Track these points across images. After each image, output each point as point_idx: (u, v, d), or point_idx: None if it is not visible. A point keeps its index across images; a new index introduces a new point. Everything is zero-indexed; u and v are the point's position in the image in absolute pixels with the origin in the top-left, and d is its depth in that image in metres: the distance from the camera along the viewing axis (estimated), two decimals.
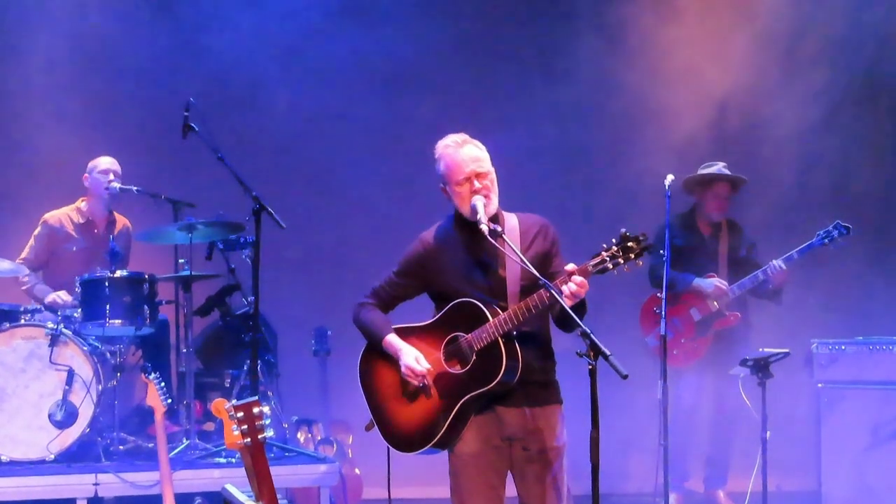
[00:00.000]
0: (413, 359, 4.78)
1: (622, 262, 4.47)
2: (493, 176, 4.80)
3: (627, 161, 9.06)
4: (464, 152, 4.77)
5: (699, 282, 7.80)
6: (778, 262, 7.60)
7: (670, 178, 6.73)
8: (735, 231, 8.07)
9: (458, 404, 4.70)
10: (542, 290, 4.53)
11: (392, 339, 4.86)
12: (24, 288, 7.67)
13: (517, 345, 4.66)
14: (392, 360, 4.86)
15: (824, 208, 8.58)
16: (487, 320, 4.64)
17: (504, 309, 4.67)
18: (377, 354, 4.94)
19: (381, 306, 4.99)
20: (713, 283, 7.78)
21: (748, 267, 7.84)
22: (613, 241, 4.49)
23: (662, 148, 8.81)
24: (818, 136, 8.97)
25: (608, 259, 4.48)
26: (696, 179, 7.94)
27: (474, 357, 4.69)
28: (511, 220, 4.86)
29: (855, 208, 8.63)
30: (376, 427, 4.94)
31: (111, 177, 7.77)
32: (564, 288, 4.48)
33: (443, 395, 4.75)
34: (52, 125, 8.73)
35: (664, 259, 6.63)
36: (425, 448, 4.79)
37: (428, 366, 4.77)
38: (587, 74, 9.06)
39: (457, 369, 4.74)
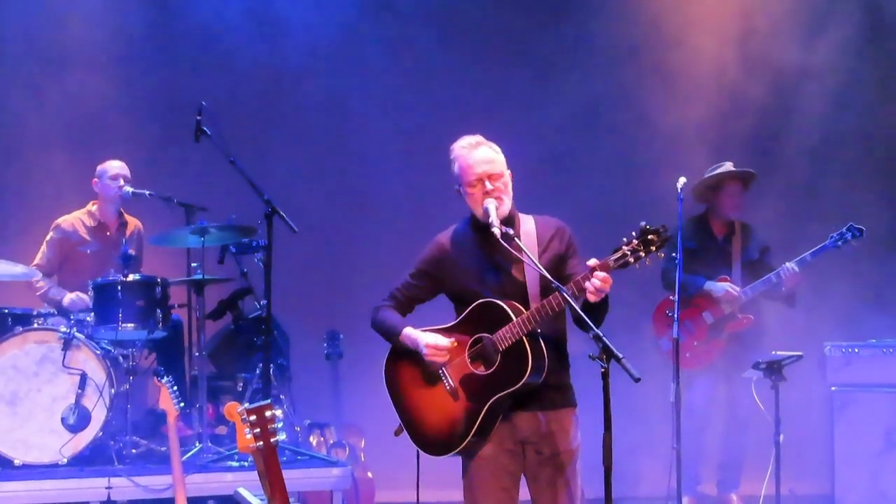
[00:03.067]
0: (432, 337, 4.77)
1: (643, 255, 4.43)
2: (507, 178, 4.80)
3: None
4: (477, 154, 4.77)
5: (710, 285, 7.79)
6: (791, 265, 7.58)
7: (682, 180, 6.71)
8: (748, 233, 8.05)
9: (486, 406, 4.68)
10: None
11: (409, 332, 4.86)
12: (39, 293, 7.66)
13: (543, 344, 4.65)
14: (416, 362, 4.85)
15: (837, 209, 8.59)
16: (511, 320, 4.63)
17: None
18: (401, 358, 4.92)
19: (399, 308, 4.99)
20: (724, 287, 7.76)
21: (761, 269, 7.82)
22: (633, 234, 4.45)
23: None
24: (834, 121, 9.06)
25: (629, 253, 4.44)
26: (707, 183, 7.93)
27: (499, 357, 4.68)
28: (528, 223, 4.86)
29: (868, 208, 8.61)
30: (405, 432, 4.91)
31: (121, 182, 7.77)
32: (588, 284, 4.46)
33: (470, 398, 4.73)
34: (63, 128, 8.76)
35: (676, 262, 6.62)
36: (455, 451, 4.78)
37: (451, 339, 4.75)
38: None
39: (482, 371, 4.73)
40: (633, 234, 4.45)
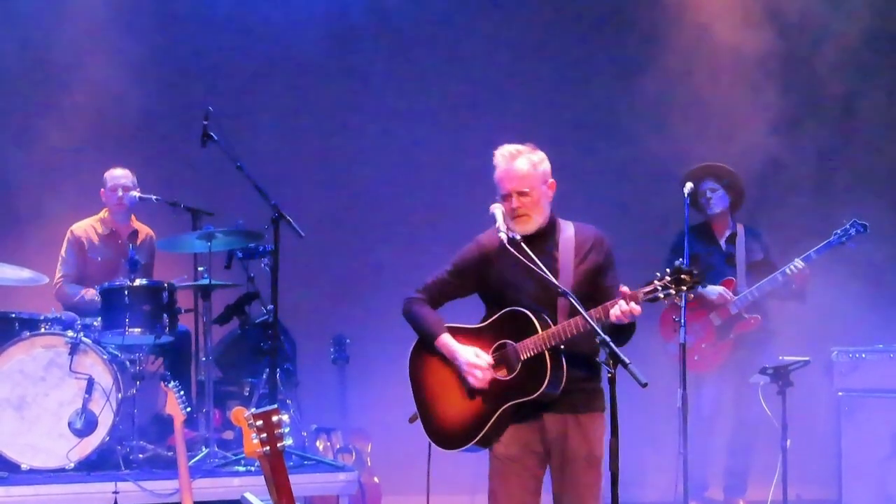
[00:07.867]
0: (473, 355, 4.83)
1: (673, 293, 4.52)
2: (540, 193, 4.82)
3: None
4: (510, 168, 4.82)
5: (704, 288, 7.77)
6: (796, 263, 7.56)
7: (689, 185, 6.72)
8: (751, 236, 8.03)
9: (500, 410, 4.77)
10: (592, 311, 4.58)
11: (447, 340, 4.91)
12: (75, 299, 7.67)
13: (563, 357, 4.70)
14: (443, 357, 4.92)
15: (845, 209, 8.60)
16: (536, 332, 4.70)
17: (552, 318, 4.72)
18: (427, 350, 4.99)
19: (430, 303, 5.04)
20: (718, 291, 7.74)
21: (766, 269, 7.78)
22: (667, 271, 4.54)
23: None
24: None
25: (660, 289, 4.54)
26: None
27: (520, 366, 4.74)
28: (568, 230, 4.92)
29: (878, 213, 8.60)
30: (419, 421, 4.99)
31: (119, 192, 7.79)
32: (615, 308, 4.54)
33: (486, 399, 4.81)
34: (69, 132, 8.77)
35: None
36: (465, 447, 4.86)
37: (489, 359, 4.82)
38: None
39: (502, 375, 4.79)
40: (667, 270, 4.54)
